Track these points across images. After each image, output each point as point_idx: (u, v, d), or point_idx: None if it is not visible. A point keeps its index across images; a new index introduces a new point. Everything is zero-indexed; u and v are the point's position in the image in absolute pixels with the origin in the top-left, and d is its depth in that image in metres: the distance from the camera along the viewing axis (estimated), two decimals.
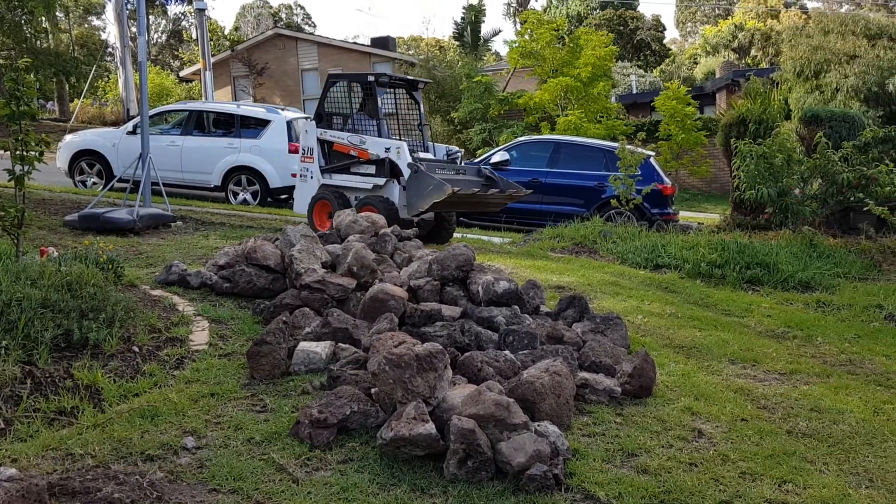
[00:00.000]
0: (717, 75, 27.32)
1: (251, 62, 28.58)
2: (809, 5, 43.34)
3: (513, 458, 3.35)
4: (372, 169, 9.08)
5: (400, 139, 9.85)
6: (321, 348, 4.54)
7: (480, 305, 5.34)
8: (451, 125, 20.59)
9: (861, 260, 8.57)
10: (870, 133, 10.73)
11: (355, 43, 30.50)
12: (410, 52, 37.19)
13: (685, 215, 15.87)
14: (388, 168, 8.86)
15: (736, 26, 41.48)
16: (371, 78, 9.32)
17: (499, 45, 56.90)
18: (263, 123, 13.02)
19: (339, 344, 4.65)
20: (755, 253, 8.11)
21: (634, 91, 32.77)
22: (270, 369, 4.41)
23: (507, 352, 4.47)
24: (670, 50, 47.33)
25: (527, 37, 20.94)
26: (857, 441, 4.03)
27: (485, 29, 28.95)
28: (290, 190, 13.20)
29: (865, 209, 8.76)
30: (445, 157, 9.78)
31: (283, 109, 13.92)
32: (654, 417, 4.16)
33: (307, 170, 9.81)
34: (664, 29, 46.21)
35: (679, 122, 18.71)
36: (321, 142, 9.64)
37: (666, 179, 12.25)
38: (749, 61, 38.88)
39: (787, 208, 9.75)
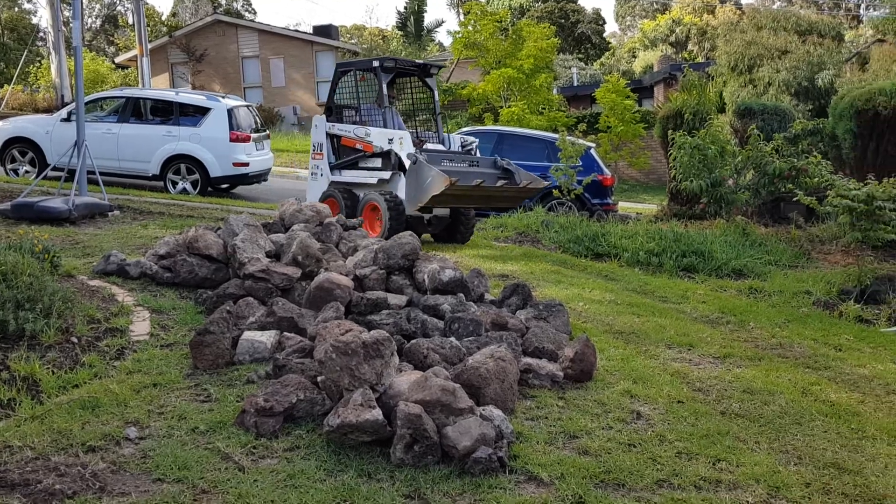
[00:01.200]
0: (655, 69, 27.91)
1: (190, 49, 27.96)
2: (744, 1, 44.53)
3: (459, 441, 3.41)
4: (378, 162, 8.71)
5: (415, 129, 9.51)
6: (266, 338, 4.52)
7: (426, 294, 5.39)
8: None
9: (791, 248, 8.92)
10: (799, 125, 11.15)
11: (297, 31, 30.13)
12: (353, 42, 36.90)
13: (624, 206, 16.21)
14: (394, 161, 8.45)
15: (674, 21, 42.40)
16: (375, 63, 8.84)
17: (442, 36, 56.82)
18: (203, 111, 12.77)
19: (285, 333, 4.63)
20: (691, 242, 8.38)
21: (575, 83, 33.22)
22: (214, 359, 4.37)
23: (452, 339, 4.53)
24: (610, 43, 48.09)
25: (470, 28, 21.03)
26: (787, 420, 4.22)
27: (428, 19, 29.03)
28: (231, 179, 13.03)
29: (795, 199, 9.12)
30: (460, 148, 9.22)
31: (224, 97, 13.68)
32: (595, 400, 4.28)
33: (317, 167, 9.46)
34: (604, 22, 46.93)
35: (618, 115, 19.10)
36: (331, 137, 9.28)
37: (606, 170, 12.50)
38: (686, 55, 39.79)
39: (720, 198, 10.08)
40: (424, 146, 8.71)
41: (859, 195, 7.01)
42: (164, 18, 36.73)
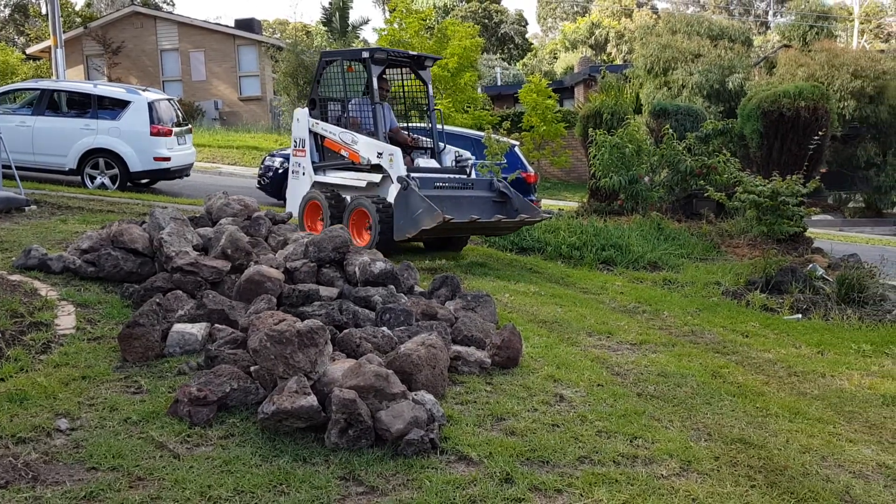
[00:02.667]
0: (576, 70, 28.60)
1: (106, 40, 27.05)
2: (660, 6, 46.06)
3: (392, 425, 3.53)
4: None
5: (407, 126, 8.78)
6: (197, 330, 4.53)
7: (357, 286, 5.48)
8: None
9: (702, 242, 9.40)
10: (710, 125, 11.71)
11: (218, 24, 29.49)
12: (277, 36, 36.40)
13: (547, 203, 16.60)
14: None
15: (593, 24, 43.46)
16: (365, 54, 8.00)
17: (368, 33, 56.63)
18: (123, 104, 12.44)
19: (216, 325, 4.65)
20: (609, 236, 8.73)
21: (499, 83, 33.69)
22: (144, 352, 4.36)
23: (384, 328, 4.65)
24: (532, 44, 48.91)
25: (395, 25, 21.07)
26: (698, 401, 4.51)
27: (354, 16, 28.83)
28: (152, 174, 12.74)
29: (706, 196, 9.62)
30: (454, 164, 8.39)
31: (144, 90, 13.36)
32: (521, 385, 4.47)
33: (299, 165, 8.64)
34: (527, 24, 47.67)
35: (541, 114, 19.51)
36: (313, 134, 8.47)
37: (529, 168, 12.79)
38: (605, 58, 40.89)
39: (637, 195, 10.51)
40: (416, 162, 8.01)
41: (765, 191, 7.47)
42: (78, 9, 35.36)
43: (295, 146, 8.68)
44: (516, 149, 12.82)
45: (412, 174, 7.46)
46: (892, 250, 15.89)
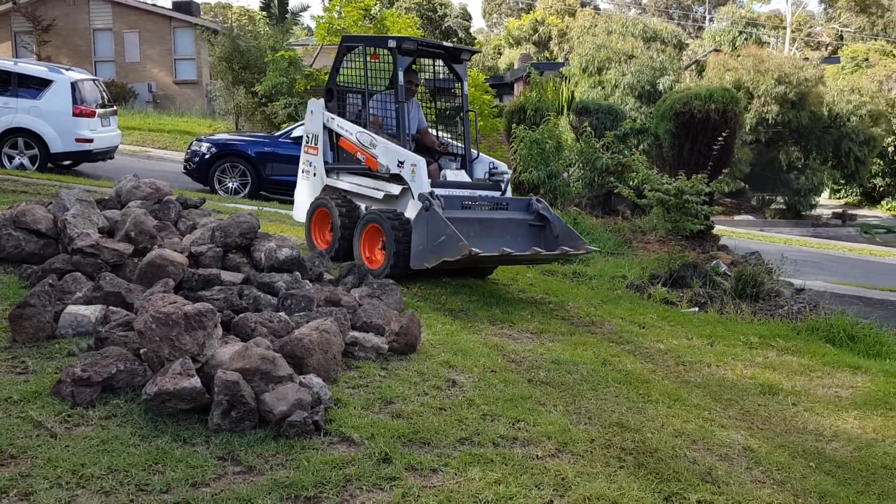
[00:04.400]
0: (516, 66, 28.89)
1: (36, 17, 26.19)
2: (602, 6, 46.79)
3: (275, 406, 3.60)
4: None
5: (436, 131, 7.75)
6: (90, 311, 4.50)
7: (263, 272, 5.51)
8: (255, 98, 20.20)
9: (615, 237, 9.69)
10: (628, 124, 12.05)
11: (154, 5, 28.83)
12: (219, 20, 35.75)
13: None
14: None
15: (537, 21, 43.89)
16: (392, 43, 6.85)
17: (308, 20, 56.02)
18: (45, 83, 12.12)
19: (111, 308, 4.63)
20: None
21: (441, 76, 33.75)
22: (34, 332, 4.32)
23: (282, 313, 4.70)
24: (476, 39, 49.11)
25: (335, 14, 20.97)
26: (585, 387, 4.70)
27: (294, 2, 28.54)
28: (74, 156, 12.47)
29: (616, 192, 9.90)
30: (486, 177, 7.22)
31: (67, 69, 13.03)
32: (416, 370, 4.58)
33: (310, 164, 7.60)
34: (471, 18, 47.84)
35: (478, 109, 19.70)
36: (327, 130, 7.40)
37: None
38: (548, 55, 41.37)
39: (556, 190, 10.75)
40: (443, 173, 6.91)
41: (670, 189, 7.76)
42: None
43: (307, 142, 7.64)
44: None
45: (436, 190, 6.39)
46: (799, 250, 16.59)
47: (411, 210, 6.49)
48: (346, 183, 7.23)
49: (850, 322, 6.83)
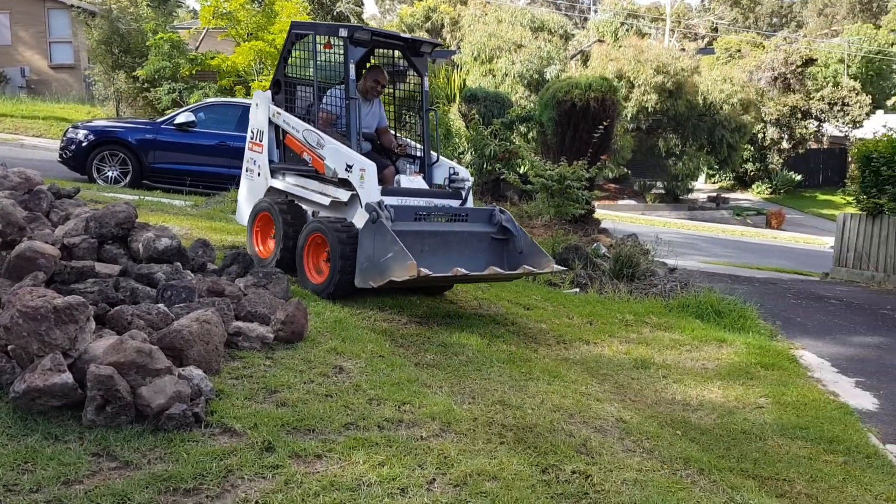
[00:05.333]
0: None
1: None
2: None
3: (153, 400, 3.52)
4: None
5: (395, 128, 7.18)
6: None
7: (142, 263, 5.34)
8: (136, 83, 19.36)
9: None
10: (514, 112, 12.32)
11: None
12: (96, 1, 33.90)
13: None
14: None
15: (430, 8, 43.96)
16: (343, 32, 6.10)
17: (195, 2, 53.80)
18: None
19: None
20: None
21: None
22: None
23: (161, 305, 4.58)
24: (369, 25, 48.72)
25: None
26: (470, 368, 4.83)
27: None
28: None
29: (504, 178, 10.13)
30: (446, 184, 6.58)
31: None
32: (302, 359, 4.58)
33: (254, 162, 6.94)
34: (363, 4, 47.37)
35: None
36: (273, 126, 6.76)
37: None
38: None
39: None
40: (398, 179, 6.27)
41: (553, 175, 8.02)
42: None
43: (251, 138, 6.98)
44: None
45: (387, 199, 5.78)
46: (676, 232, 17.49)
47: (360, 219, 5.85)
48: (292, 185, 6.61)
49: (717, 298, 7.30)
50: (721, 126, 23.09)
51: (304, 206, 6.48)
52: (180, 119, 12.18)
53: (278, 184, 6.70)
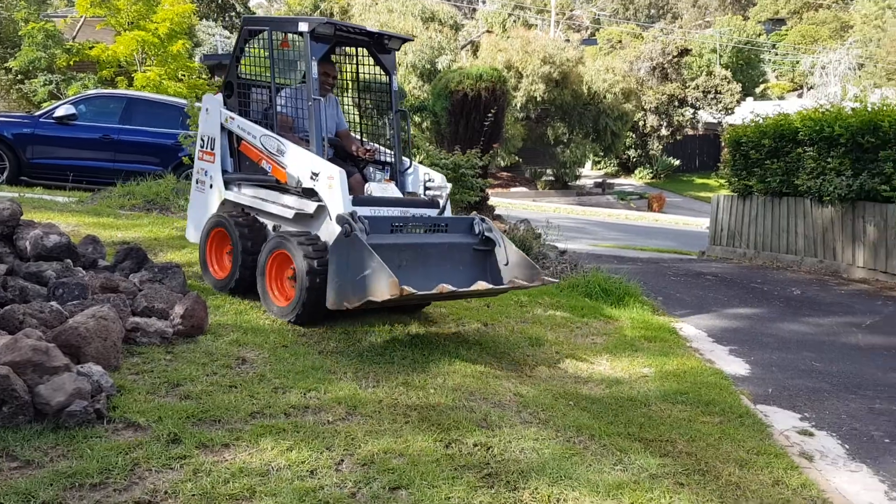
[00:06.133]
0: None
1: None
2: None
3: (52, 398, 3.47)
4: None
5: (360, 130, 6.58)
6: None
7: (30, 261, 5.17)
8: (9, 74, 18.26)
9: None
10: (408, 102, 12.45)
11: None
12: None
13: None
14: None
15: None
16: (304, 26, 5.48)
17: None
18: None
19: None
20: None
21: (220, 51, 32.46)
22: None
23: (54, 303, 4.47)
24: (256, 13, 47.59)
25: None
26: (373, 353, 4.95)
27: None
28: None
29: None
30: (423, 192, 6.06)
31: None
32: (204, 352, 4.58)
33: (206, 173, 6.27)
34: None
35: None
36: (226, 132, 6.14)
37: None
38: None
39: None
40: (368, 188, 5.73)
41: (447, 163, 8.23)
42: None
43: (201, 146, 6.32)
44: None
45: (359, 209, 5.19)
46: (566, 217, 18.17)
47: (327, 232, 5.34)
48: (249, 197, 5.98)
49: (603, 278, 7.72)
50: (605, 114, 24.07)
51: (264, 220, 5.89)
52: (60, 112, 11.65)
53: (234, 196, 6.07)
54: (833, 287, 9.80)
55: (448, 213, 5.92)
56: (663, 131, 34.62)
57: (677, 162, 37.13)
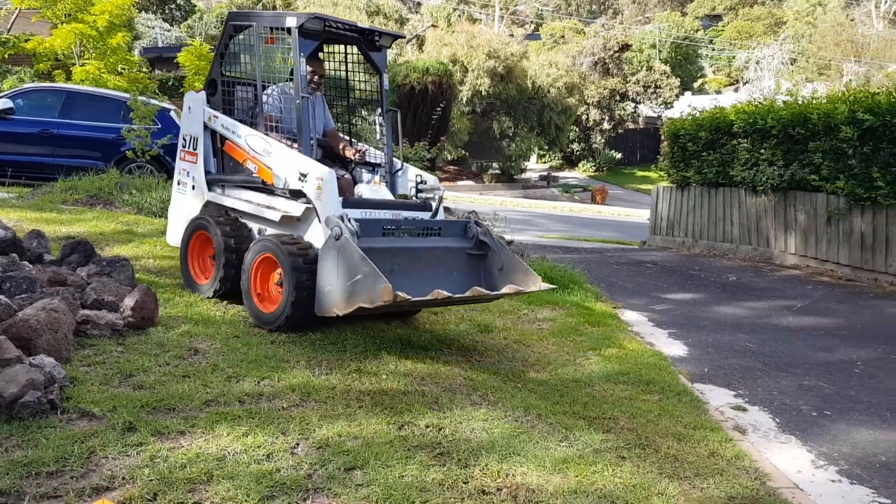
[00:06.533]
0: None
1: None
2: None
3: (5, 390, 3.47)
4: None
5: (347, 129, 6.36)
6: None
7: None
8: None
9: None
10: (358, 95, 12.45)
11: None
12: None
13: None
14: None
15: None
16: (291, 21, 5.29)
17: None
18: None
19: None
20: None
21: (160, 45, 31.85)
22: None
23: (2, 296, 4.44)
24: (197, 6, 46.73)
25: None
26: (326, 342, 5.04)
27: None
28: None
29: None
30: (414, 194, 5.89)
31: None
32: (156, 343, 4.60)
33: (188, 174, 6.05)
34: None
35: (203, 80, 18.99)
36: (210, 131, 5.90)
37: None
38: None
39: None
40: (357, 189, 5.58)
41: (395, 156, 8.32)
42: None
43: (183, 146, 6.08)
44: (172, 113, 12.44)
45: (349, 211, 5.04)
46: (512, 209, 18.45)
47: (315, 235, 5.13)
48: (233, 199, 5.73)
49: (549, 266, 7.94)
50: (549, 108, 24.45)
51: (249, 223, 5.66)
52: None
53: (217, 197, 5.84)
54: (766, 273, 10.24)
55: (441, 216, 5.78)
56: (606, 125, 35.29)
57: (619, 155, 37.90)
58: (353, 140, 6.29)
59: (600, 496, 3.38)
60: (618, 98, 34.81)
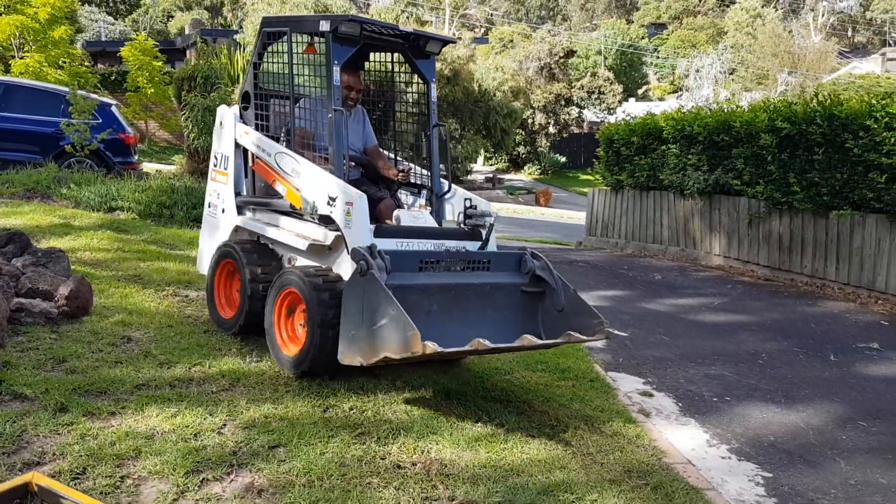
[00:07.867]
0: (187, 32, 27.92)
1: None
2: None
3: None
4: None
5: (393, 148, 5.62)
6: None
7: None
8: None
9: None
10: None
11: None
12: None
13: (153, 166, 16.27)
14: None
15: None
16: (325, 25, 4.66)
17: None
18: None
19: None
20: (201, 195, 9.14)
21: (104, 38, 31.34)
22: None
23: None
24: (143, 2, 46.04)
25: None
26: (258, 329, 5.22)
27: None
28: None
29: None
30: (461, 220, 5.07)
31: None
32: (89, 331, 4.75)
33: (218, 195, 5.50)
34: None
35: (147, 75, 18.89)
36: (241, 149, 5.34)
37: (128, 129, 12.50)
38: (222, 21, 40.25)
39: None
40: (397, 215, 4.79)
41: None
42: None
43: (214, 165, 5.54)
44: (113, 108, 12.42)
45: (382, 241, 4.38)
46: None
47: (346, 267, 4.45)
48: (262, 224, 5.12)
49: None
50: (495, 112, 24.87)
51: (279, 251, 5.09)
52: None
53: (247, 222, 5.24)
54: (691, 273, 10.74)
55: (492, 246, 4.99)
56: (551, 129, 35.95)
57: (563, 159, 38.63)
58: (397, 159, 5.64)
59: (508, 470, 3.66)
60: (563, 103, 35.49)
